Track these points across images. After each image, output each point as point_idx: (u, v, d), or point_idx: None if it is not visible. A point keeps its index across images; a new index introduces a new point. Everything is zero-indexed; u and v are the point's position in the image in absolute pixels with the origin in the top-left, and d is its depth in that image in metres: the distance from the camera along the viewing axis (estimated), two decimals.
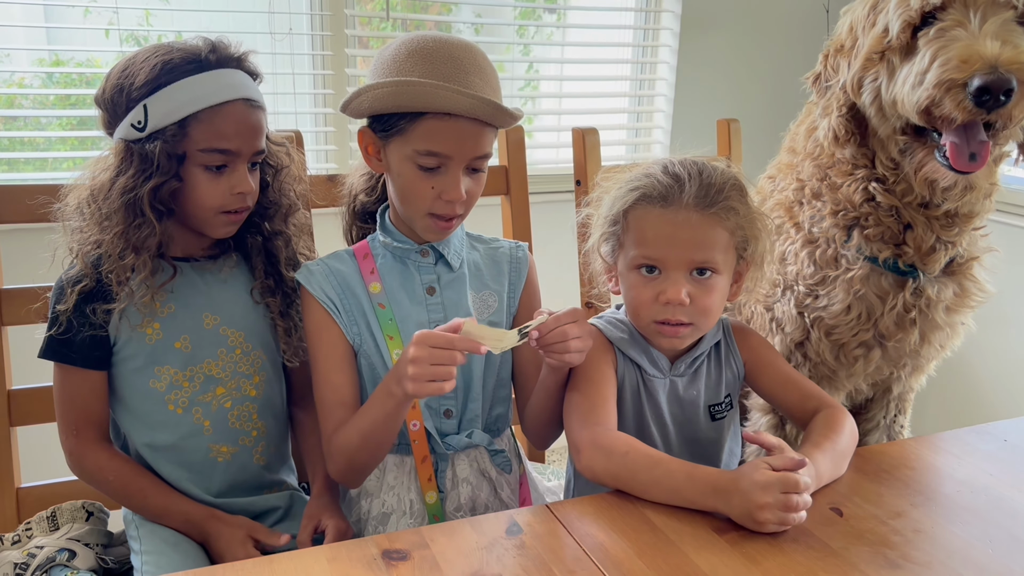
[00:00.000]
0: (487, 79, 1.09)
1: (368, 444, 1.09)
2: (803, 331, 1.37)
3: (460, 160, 1.10)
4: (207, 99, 1.09)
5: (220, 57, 1.13)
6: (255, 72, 1.18)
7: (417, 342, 0.97)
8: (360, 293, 1.17)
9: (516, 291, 1.25)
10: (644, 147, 2.84)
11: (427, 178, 1.10)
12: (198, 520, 1.15)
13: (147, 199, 1.09)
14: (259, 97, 1.16)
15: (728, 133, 1.87)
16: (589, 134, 1.63)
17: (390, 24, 2.39)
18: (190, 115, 1.09)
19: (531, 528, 0.93)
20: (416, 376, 0.97)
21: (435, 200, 1.11)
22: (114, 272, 1.10)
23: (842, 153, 1.30)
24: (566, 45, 2.72)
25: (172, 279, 1.15)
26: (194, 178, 1.12)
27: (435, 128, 1.08)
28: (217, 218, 1.15)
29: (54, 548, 1.12)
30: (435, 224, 1.14)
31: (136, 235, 1.09)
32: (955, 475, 1.08)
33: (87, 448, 1.17)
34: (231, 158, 1.13)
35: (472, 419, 1.20)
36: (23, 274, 1.29)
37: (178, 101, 1.09)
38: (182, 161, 1.11)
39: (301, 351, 1.23)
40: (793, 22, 2.78)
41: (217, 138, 1.11)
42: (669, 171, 1.10)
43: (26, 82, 2.13)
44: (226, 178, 1.13)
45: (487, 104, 1.06)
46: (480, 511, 1.20)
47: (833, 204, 1.32)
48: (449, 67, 1.07)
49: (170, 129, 1.09)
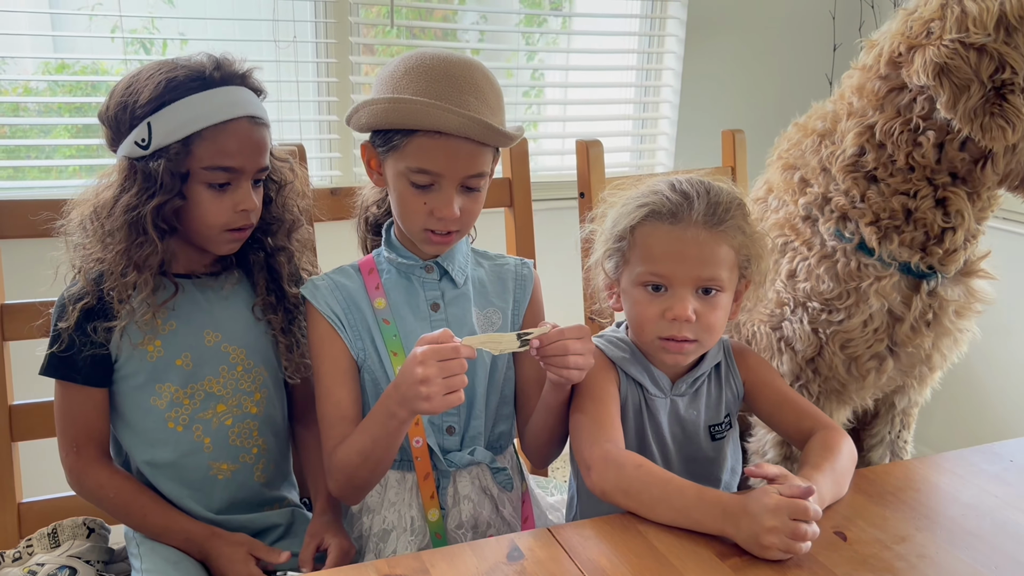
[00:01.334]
0: (484, 98, 1.09)
1: (368, 462, 1.09)
2: (816, 347, 1.37)
3: (452, 178, 1.10)
4: (211, 117, 1.09)
5: (225, 74, 1.12)
6: (259, 89, 1.17)
7: (423, 360, 0.96)
8: (365, 308, 1.17)
9: (521, 308, 1.25)
10: (649, 154, 2.83)
11: (420, 195, 1.10)
12: (199, 538, 1.15)
13: (150, 217, 1.08)
14: (263, 114, 1.16)
15: (733, 144, 1.86)
16: (593, 146, 1.62)
17: (394, 31, 2.39)
18: (194, 133, 1.08)
19: (532, 553, 0.92)
20: (431, 395, 0.96)
21: (428, 217, 1.11)
22: (115, 290, 1.10)
23: (925, 159, 1.27)
24: (571, 52, 2.72)
25: (174, 297, 1.15)
26: (197, 196, 1.11)
27: (426, 146, 1.08)
28: (221, 235, 1.15)
29: (55, 565, 1.12)
30: (430, 238, 1.14)
31: (138, 253, 1.09)
32: (960, 497, 1.07)
33: (88, 465, 1.17)
34: (235, 176, 1.12)
35: (475, 436, 1.20)
36: (25, 289, 1.29)
37: (182, 119, 1.08)
38: (186, 179, 1.10)
39: (303, 368, 1.23)
40: (799, 29, 2.77)
41: (221, 156, 1.10)
42: (677, 189, 1.10)
43: (31, 86, 2.13)
44: (229, 196, 1.13)
45: (478, 124, 1.06)
46: (482, 528, 1.19)
47: (873, 214, 1.31)
48: (443, 85, 1.07)
49: (174, 147, 1.08)
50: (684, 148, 2.74)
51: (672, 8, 2.67)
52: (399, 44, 2.42)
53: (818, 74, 2.79)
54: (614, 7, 2.66)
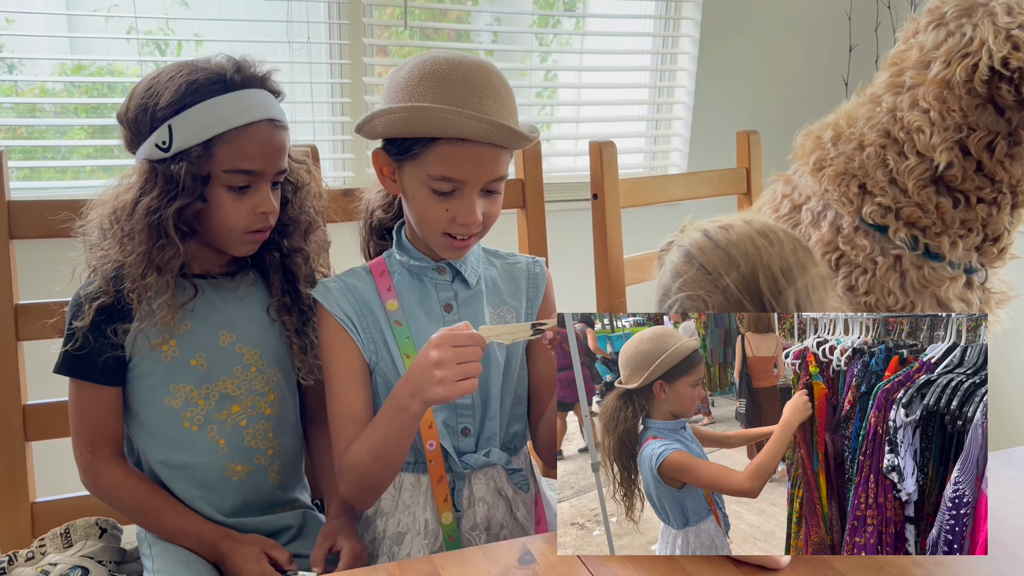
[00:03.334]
0: (502, 101, 1.08)
1: (379, 461, 1.07)
2: None
3: (475, 184, 1.09)
4: (233, 120, 1.09)
5: (245, 77, 1.12)
6: (278, 91, 1.18)
7: (438, 344, 0.97)
8: (377, 310, 1.16)
9: (534, 307, 1.25)
10: (662, 155, 2.82)
11: (442, 202, 1.09)
12: (212, 540, 1.15)
13: (172, 220, 1.08)
14: (283, 117, 1.16)
15: (748, 145, 1.85)
16: (606, 147, 1.61)
17: (408, 33, 2.39)
18: (215, 136, 1.08)
19: (544, 557, 0.91)
20: (445, 379, 0.96)
21: (450, 222, 1.11)
22: (135, 291, 1.10)
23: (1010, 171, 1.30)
24: (585, 52, 2.71)
25: (193, 299, 1.15)
26: (218, 198, 1.11)
27: (449, 154, 1.07)
28: (242, 237, 1.15)
29: (68, 565, 1.13)
30: (451, 243, 1.13)
31: (160, 256, 1.09)
32: None
33: (102, 464, 1.17)
34: (255, 178, 1.13)
35: (490, 437, 1.19)
36: (40, 289, 1.29)
37: (204, 122, 1.08)
38: (207, 182, 1.10)
39: (316, 369, 1.23)
40: (815, 30, 2.75)
41: (242, 159, 1.10)
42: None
43: (48, 87, 2.14)
44: (249, 198, 1.13)
45: (501, 129, 1.05)
46: (495, 530, 1.19)
47: (945, 224, 1.32)
48: (462, 91, 1.05)
49: (195, 150, 1.08)
50: (698, 149, 2.73)
51: (687, 9, 2.66)
52: (412, 45, 2.42)
53: (834, 75, 2.78)
54: (628, 8, 2.66)
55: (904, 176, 1.31)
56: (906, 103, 1.32)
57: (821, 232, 1.39)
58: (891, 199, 1.33)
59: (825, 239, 1.39)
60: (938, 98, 1.29)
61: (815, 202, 1.42)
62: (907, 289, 1.33)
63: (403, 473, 1.18)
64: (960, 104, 1.27)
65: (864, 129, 1.37)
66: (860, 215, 1.36)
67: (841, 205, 1.37)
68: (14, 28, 2.06)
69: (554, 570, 0.90)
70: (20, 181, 2.11)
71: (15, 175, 2.09)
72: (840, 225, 1.38)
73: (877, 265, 1.34)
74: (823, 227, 1.39)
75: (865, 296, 1.35)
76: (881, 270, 1.34)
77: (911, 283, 1.33)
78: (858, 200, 1.36)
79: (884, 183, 1.33)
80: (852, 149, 1.37)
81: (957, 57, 1.27)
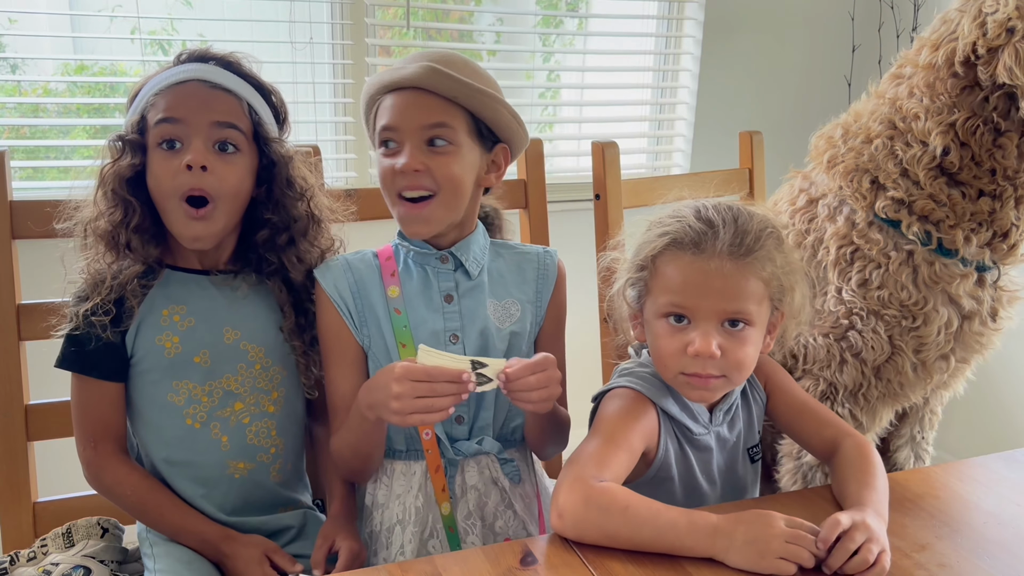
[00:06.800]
0: (450, 63, 1.11)
1: (357, 457, 1.15)
2: (888, 354, 1.36)
3: (408, 131, 1.11)
4: (163, 84, 1.13)
5: (193, 56, 1.17)
6: (246, 74, 1.18)
7: (399, 378, 0.98)
8: (377, 295, 1.17)
9: (543, 299, 1.24)
10: (665, 156, 2.81)
11: (388, 160, 1.13)
12: (214, 540, 1.15)
13: (117, 181, 1.12)
14: (226, 82, 1.15)
15: (751, 145, 1.84)
16: (609, 148, 1.61)
17: (411, 33, 2.39)
18: (149, 104, 1.13)
19: (547, 559, 0.91)
20: (399, 410, 0.98)
21: (395, 176, 1.12)
22: (120, 276, 1.12)
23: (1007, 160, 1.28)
24: (587, 53, 2.71)
25: (159, 277, 1.16)
26: (151, 158, 1.13)
27: (384, 105, 1.13)
28: (178, 207, 1.12)
29: (69, 565, 1.13)
30: (401, 205, 1.14)
31: (126, 219, 1.12)
32: (982, 505, 1.05)
33: (105, 460, 1.17)
34: (181, 130, 1.11)
35: (483, 427, 1.20)
36: (43, 289, 1.29)
37: (144, 95, 1.14)
38: (146, 148, 1.14)
39: (320, 383, 1.23)
40: (818, 30, 2.75)
41: (165, 110, 1.12)
42: (702, 216, 1.04)
43: (51, 87, 2.14)
44: (179, 155, 1.12)
45: (425, 69, 1.09)
46: (489, 520, 1.20)
47: (956, 217, 1.31)
48: (408, 60, 1.13)
49: (133, 119, 1.14)
50: (701, 150, 2.73)
51: (689, 9, 2.65)
52: (415, 46, 2.41)
53: (837, 75, 2.77)
54: (631, 8, 2.65)
55: (914, 166, 1.31)
56: (905, 92, 1.34)
57: (836, 226, 1.39)
58: (904, 192, 1.33)
59: (840, 233, 1.39)
60: (927, 83, 1.31)
61: (831, 197, 1.42)
62: (919, 285, 1.33)
63: (395, 461, 1.19)
64: (946, 87, 1.28)
65: (869, 122, 1.38)
66: (873, 210, 1.36)
67: (855, 201, 1.37)
68: (17, 28, 2.06)
69: (556, 572, 0.89)
70: (23, 181, 2.11)
71: (18, 175, 2.09)
72: (855, 220, 1.38)
73: (890, 260, 1.34)
74: (839, 221, 1.39)
75: (879, 290, 1.34)
76: (894, 265, 1.34)
77: (923, 279, 1.33)
78: (871, 195, 1.36)
79: (896, 175, 1.33)
80: (860, 143, 1.38)
81: (945, 43, 1.29)
